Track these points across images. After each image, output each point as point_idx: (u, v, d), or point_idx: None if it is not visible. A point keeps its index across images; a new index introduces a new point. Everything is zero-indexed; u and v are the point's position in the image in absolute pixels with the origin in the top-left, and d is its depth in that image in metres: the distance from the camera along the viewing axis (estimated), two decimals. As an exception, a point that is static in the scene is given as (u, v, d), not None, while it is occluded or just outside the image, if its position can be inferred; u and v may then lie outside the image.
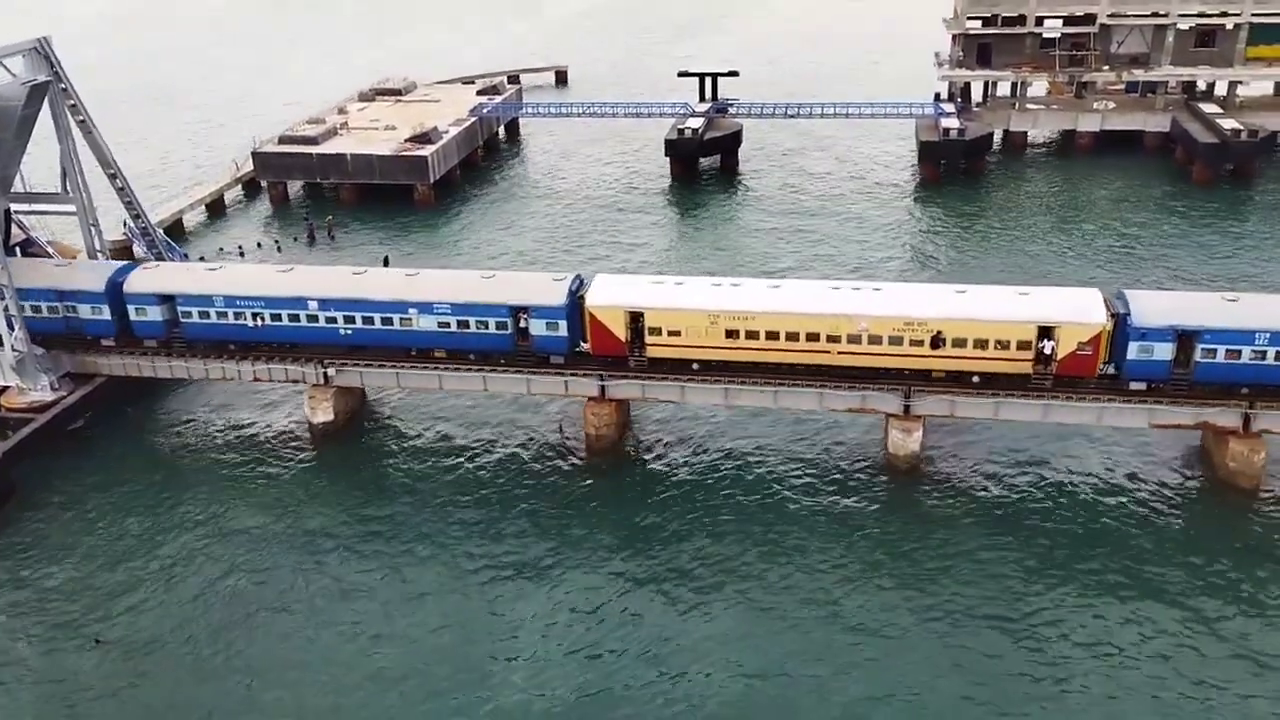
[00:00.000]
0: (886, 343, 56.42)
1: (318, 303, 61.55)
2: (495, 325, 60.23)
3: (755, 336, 57.79)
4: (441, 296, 60.60)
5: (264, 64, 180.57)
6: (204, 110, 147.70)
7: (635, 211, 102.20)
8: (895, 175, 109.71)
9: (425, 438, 63.39)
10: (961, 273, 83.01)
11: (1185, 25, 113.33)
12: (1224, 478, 55.83)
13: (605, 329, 59.20)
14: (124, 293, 63.77)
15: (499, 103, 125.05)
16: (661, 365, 59.42)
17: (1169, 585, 48.76)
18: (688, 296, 59.20)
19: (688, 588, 49.85)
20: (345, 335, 62.05)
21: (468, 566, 51.84)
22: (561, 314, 59.36)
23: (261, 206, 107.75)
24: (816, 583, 49.79)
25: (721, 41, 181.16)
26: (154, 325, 64.05)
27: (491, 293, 60.70)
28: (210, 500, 57.76)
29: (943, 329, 55.71)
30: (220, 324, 63.09)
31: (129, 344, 65.00)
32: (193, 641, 47.59)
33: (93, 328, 64.80)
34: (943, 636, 46.35)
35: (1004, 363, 55.97)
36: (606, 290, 60.10)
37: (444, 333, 60.97)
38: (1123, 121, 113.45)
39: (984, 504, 55.22)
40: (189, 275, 66.40)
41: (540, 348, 60.50)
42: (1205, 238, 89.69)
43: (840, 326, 56.69)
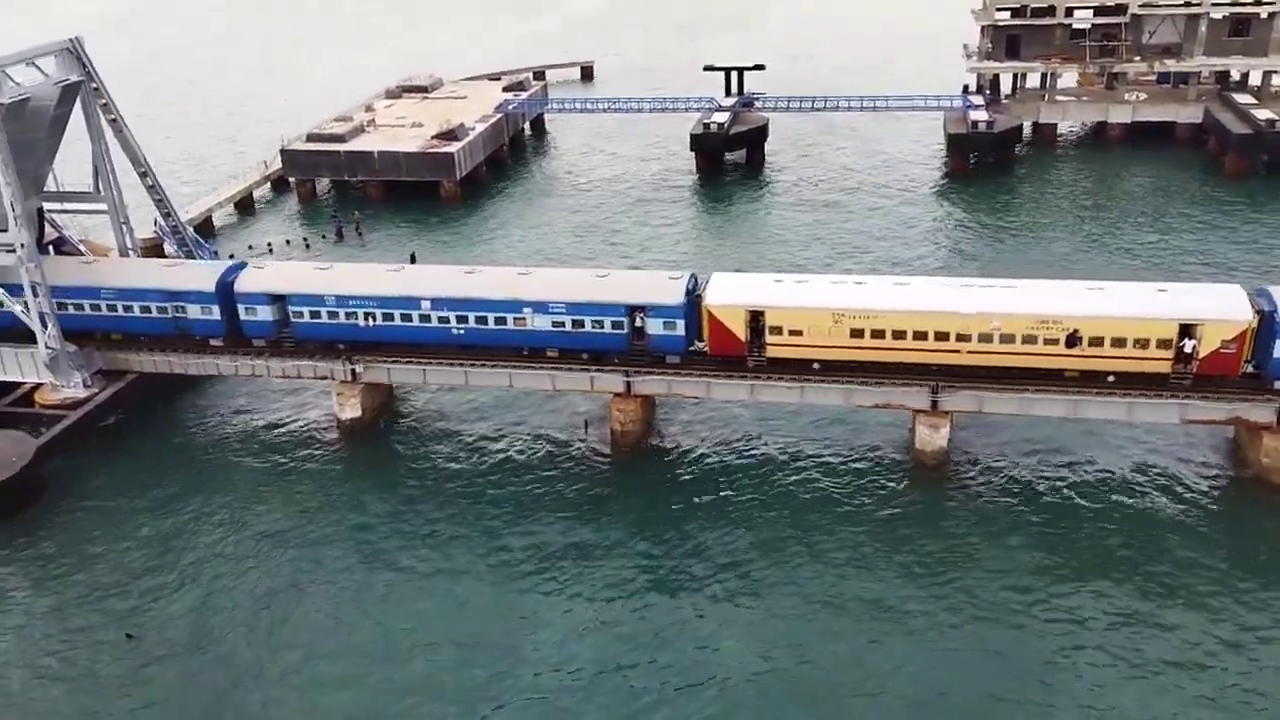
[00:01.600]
0: (1019, 341, 54.91)
1: (430, 302, 61.01)
2: (611, 325, 59.37)
3: (881, 336, 56.09)
4: (556, 295, 59.83)
5: (291, 62, 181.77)
6: (232, 109, 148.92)
7: (661, 206, 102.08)
8: (923, 169, 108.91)
9: (451, 434, 63.64)
10: (994, 267, 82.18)
11: (1218, 14, 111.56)
12: (1258, 474, 55.05)
13: (724, 328, 57.96)
14: (235, 292, 63.40)
15: (525, 99, 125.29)
16: (781, 366, 58.12)
17: (1200, 586, 48.02)
18: (810, 295, 57.78)
19: (715, 586, 49.69)
20: (457, 335, 61.42)
21: (493, 564, 51.97)
22: (680, 313, 58.40)
23: (290, 204, 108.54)
24: (844, 581, 49.50)
25: (747, 35, 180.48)
26: (264, 325, 63.66)
27: (608, 292, 59.86)
28: (238, 497, 58.25)
29: (1079, 327, 54.16)
30: (330, 324, 62.59)
31: (238, 344, 64.75)
32: (222, 639, 47.99)
33: (201, 328, 64.48)
34: (974, 636, 45.93)
35: (1142, 362, 54.24)
36: (726, 289, 58.98)
37: (558, 332, 60.17)
38: (1154, 113, 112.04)
39: (1013, 501, 54.70)
40: (300, 275, 65.78)
41: (656, 347, 59.56)
42: (1241, 229, 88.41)
43: (971, 325, 55.06)
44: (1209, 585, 47.98)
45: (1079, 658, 44.39)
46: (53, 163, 67.84)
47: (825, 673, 44.39)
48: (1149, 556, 49.97)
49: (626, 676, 44.68)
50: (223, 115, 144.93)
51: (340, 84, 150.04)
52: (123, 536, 55.28)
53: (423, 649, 46.81)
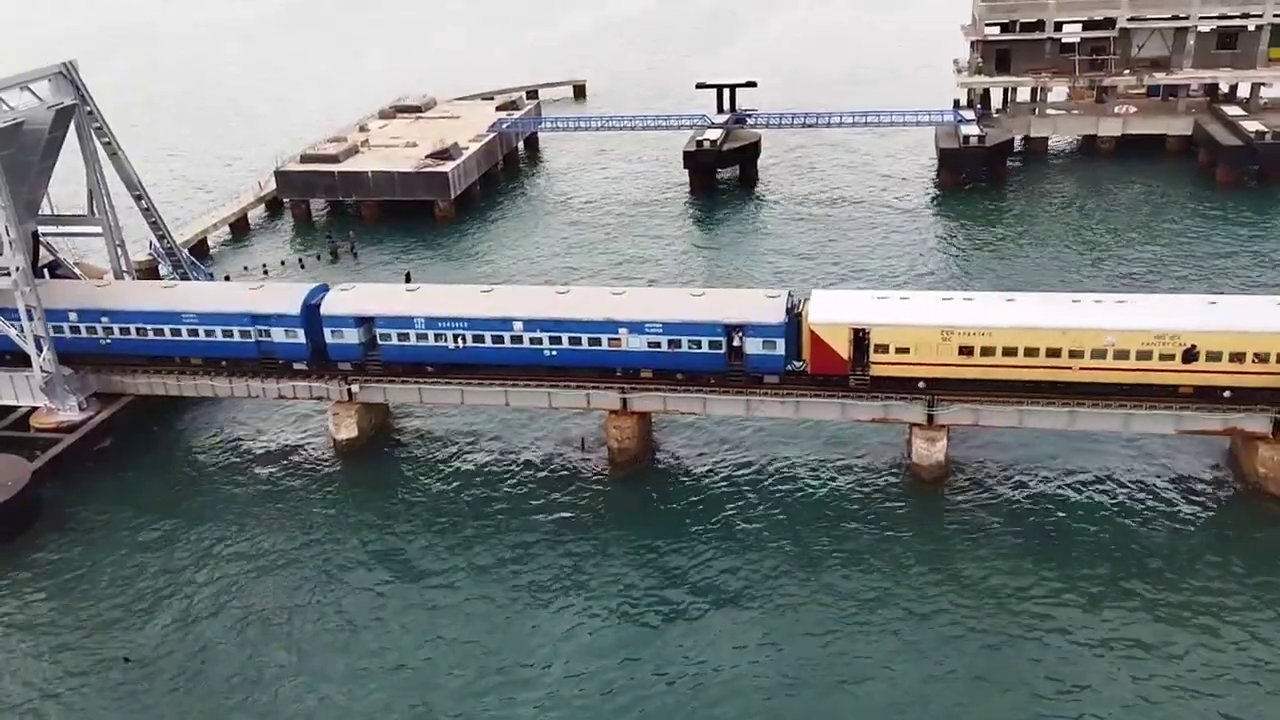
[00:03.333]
0: (1134, 357, 54.10)
1: (523, 323, 60.42)
2: (709, 344, 58.70)
3: (991, 353, 55.29)
4: (652, 315, 59.31)
5: (285, 84, 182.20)
6: (226, 130, 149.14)
7: (656, 223, 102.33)
8: (916, 183, 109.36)
9: (448, 453, 63.55)
10: (989, 281, 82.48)
11: (1206, 27, 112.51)
12: (1254, 484, 55.19)
13: (827, 347, 57.12)
14: (321, 315, 62.84)
15: (518, 118, 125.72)
16: (886, 385, 57.21)
17: (1198, 597, 48.08)
18: (917, 312, 57.11)
19: (716, 604, 49.61)
20: (549, 356, 60.84)
21: (492, 583, 51.80)
22: (780, 332, 57.78)
23: (284, 225, 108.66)
24: (842, 597, 49.46)
25: (739, 52, 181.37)
26: (351, 348, 62.91)
27: (705, 311, 59.29)
28: (233, 519, 58.06)
29: (1197, 342, 53.39)
30: (419, 346, 61.91)
31: (323, 368, 64.02)
32: (218, 661, 47.77)
33: (286, 351, 63.71)
34: (972, 648, 45.88)
35: (1261, 376, 53.43)
36: (829, 307, 58.21)
37: (654, 353, 59.56)
38: (1144, 125, 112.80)
39: (1010, 515, 54.71)
40: (388, 296, 65.27)
41: (754, 367, 58.87)
42: (1234, 241, 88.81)
43: (1085, 341, 54.20)
44: (1207, 596, 47.98)
45: (1079, 670, 44.30)
46: (47, 186, 67.98)
47: (829, 690, 44.25)
48: (1147, 570, 49.97)
49: (629, 696, 44.48)
50: (217, 137, 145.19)
51: (334, 105, 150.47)
52: (118, 561, 55.03)
53: (421, 670, 46.61)
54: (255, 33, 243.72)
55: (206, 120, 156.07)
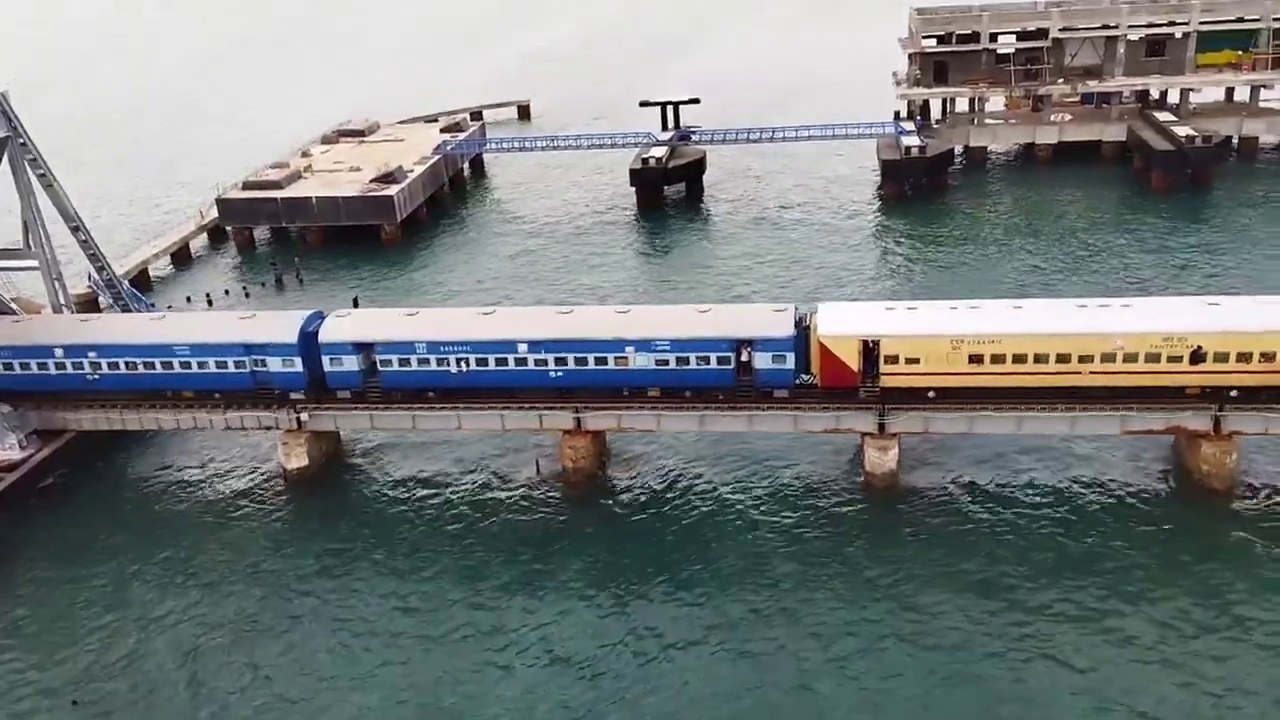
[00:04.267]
0: (1143, 360, 54.55)
1: (528, 345, 59.68)
2: (717, 360, 58.33)
3: (1001, 360, 55.46)
4: (659, 332, 58.88)
5: (226, 111, 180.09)
6: (165, 159, 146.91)
7: (604, 241, 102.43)
8: (860, 195, 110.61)
9: (401, 480, 62.88)
10: (936, 288, 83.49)
11: (1135, 36, 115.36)
12: (1198, 481, 56.29)
13: (837, 360, 57.02)
14: (319, 342, 61.71)
15: (463, 140, 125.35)
16: (894, 395, 57.27)
17: (1146, 593, 48.91)
18: (927, 322, 57.31)
19: (671, 618, 49.52)
20: (555, 378, 60.09)
21: (444, 610, 51.19)
22: (789, 346, 57.67)
23: (227, 253, 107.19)
24: (798, 609, 49.57)
25: (681, 70, 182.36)
26: (350, 375, 61.81)
27: (713, 326, 59.02)
28: (181, 555, 56.86)
29: (1204, 343, 54.02)
30: (421, 371, 60.94)
31: (321, 397, 62.91)
32: (167, 700, 46.70)
33: (283, 380, 62.42)
34: (928, 654, 46.22)
35: (1269, 375, 54.19)
36: (838, 319, 58.14)
37: (662, 370, 59.12)
38: (1080, 133, 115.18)
39: (963, 519, 55.31)
40: (387, 322, 64.10)
41: (764, 382, 58.61)
42: (1171, 243, 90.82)
43: (1094, 346, 54.69)
44: (1157, 593, 48.79)
45: (1034, 670, 44.82)
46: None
47: (790, 693, 44.32)
48: (1096, 568, 50.74)
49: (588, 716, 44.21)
50: (156, 166, 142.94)
51: (276, 131, 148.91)
52: (64, 599, 53.71)
53: (377, 700, 45.92)
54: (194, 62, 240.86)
55: (146, 149, 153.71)
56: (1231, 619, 46.84)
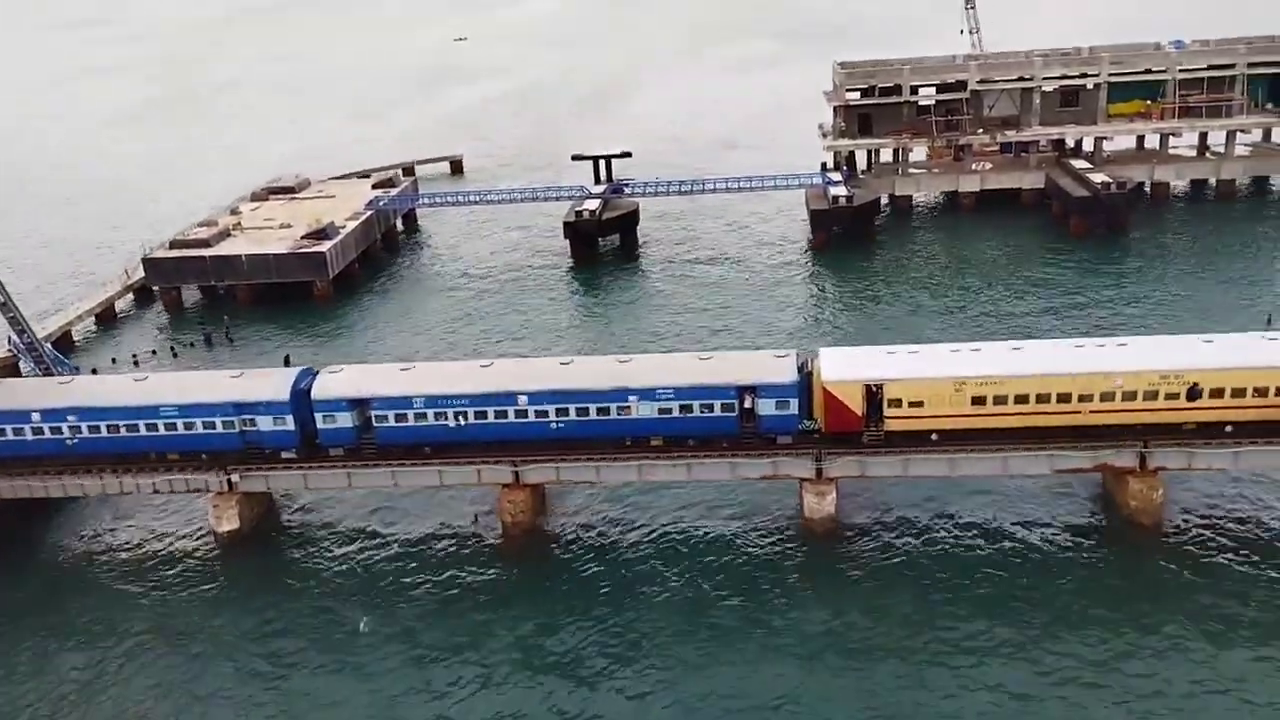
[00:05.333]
0: (1140, 398, 55.61)
1: (528, 396, 58.87)
2: (721, 407, 58.00)
3: (1003, 402, 56.15)
4: (662, 381, 58.38)
5: (152, 170, 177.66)
6: (89, 219, 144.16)
7: (540, 294, 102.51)
8: (790, 244, 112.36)
9: (336, 539, 61.71)
10: (865, 334, 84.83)
11: (1050, 87, 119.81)
12: (1127, 517, 57.55)
13: (841, 405, 57.08)
14: (312, 399, 60.30)
15: (395, 195, 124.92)
16: (897, 439, 57.62)
17: (1078, 628, 49.76)
18: (930, 365, 57.65)
19: (611, 669, 49.10)
20: (555, 429, 59.28)
21: (383, 673, 50.18)
22: (794, 392, 57.60)
23: (154, 313, 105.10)
24: (741, 657, 49.52)
25: (613, 124, 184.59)
26: (344, 432, 60.51)
27: (716, 374, 58.70)
28: (106, 626, 55.00)
29: (1199, 380, 55.08)
30: (418, 426, 59.83)
31: (313, 455, 61.49)
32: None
33: (274, 440, 61.09)
34: (865, 695, 46.34)
35: (1263, 410, 55.42)
36: (841, 365, 58.16)
37: (665, 419, 58.55)
38: (1001, 181, 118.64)
39: (901, 560, 55.83)
40: (382, 376, 62.83)
41: (768, 429, 58.40)
42: (1090, 286, 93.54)
43: (1093, 385, 55.63)
44: (1088, 628, 49.63)
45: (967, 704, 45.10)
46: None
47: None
48: (1030, 606, 51.53)
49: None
50: (79, 226, 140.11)
51: (203, 189, 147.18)
52: (-18, 677, 51.56)
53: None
54: (118, 121, 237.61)
55: (70, 209, 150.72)
56: (1159, 650, 47.83)
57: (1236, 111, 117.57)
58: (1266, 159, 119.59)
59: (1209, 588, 51.85)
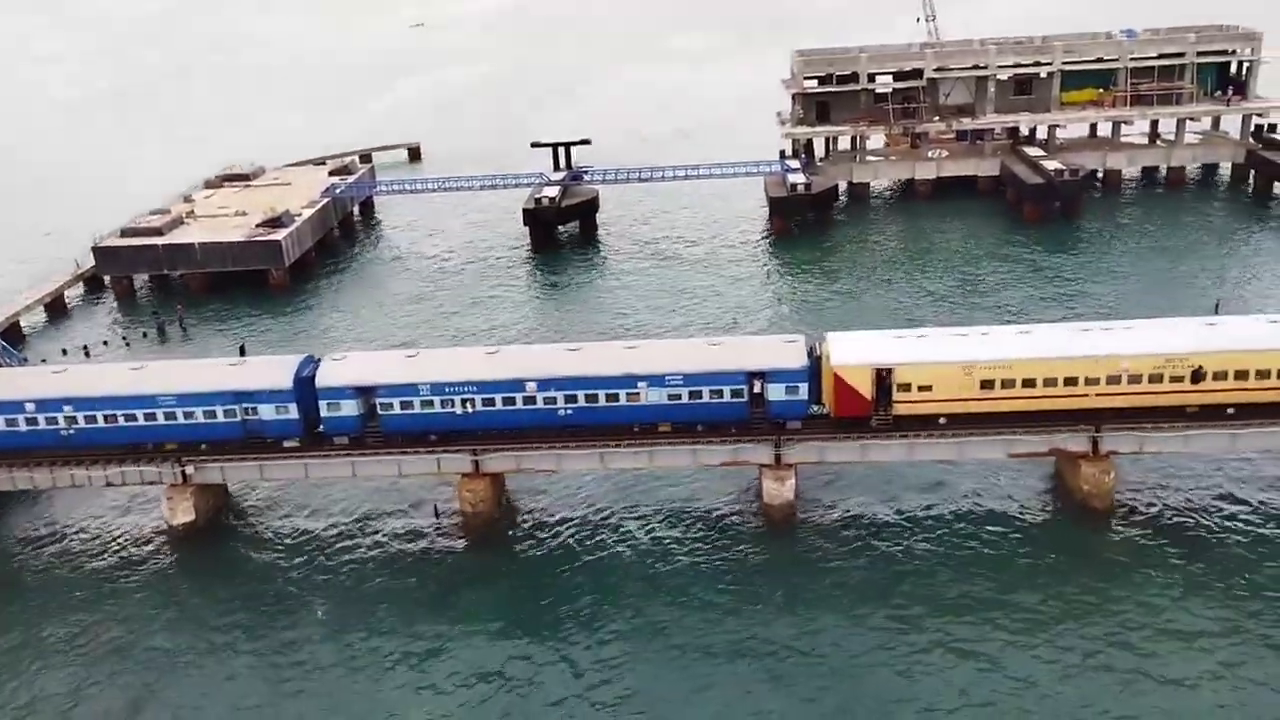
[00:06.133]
0: (1146, 381, 56.22)
1: (537, 383, 58.42)
2: (731, 393, 57.82)
3: (1011, 385, 56.52)
4: (671, 367, 58.09)
5: (103, 159, 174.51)
6: (36, 206, 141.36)
7: (498, 281, 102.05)
8: (749, 231, 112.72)
9: (294, 532, 61.14)
10: (826, 320, 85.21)
11: (1004, 76, 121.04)
12: (1080, 501, 58.42)
13: (851, 389, 57.20)
14: (316, 387, 59.32)
15: (352, 182, 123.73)
16: (906, 423, 57.89)
17: (1035, 610, 50.51)
18: (939, 349, 57.91)
19: (571, 659, 49.14)
20: (564, 416, 58.93)
21: (343, 665, 49.84)
22: (804, 376, 57.58)
23: (106, 303, 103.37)
24: (702, 638, 49.75)
25: (572, 111, 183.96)
26: (348, 421, 59.73)
27: (726, 359, 58.50)
28: (59, 623, 54.07)
29: (1203, 363, 55.66)
30: (425, 414, 59.19)
31: (316, 443, 60.71)
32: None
33: (276, 429, 60.05)
34: (827, 678, 46.84)
35: (1265, 392, 55.99)
36: (850, 349, 58.22)
37: (674, 405, 58.34)
38: (956, 168, 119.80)
39: (858, 545, 56.30)
40: (387, 364, 61.99)
41: (777, 414, 58.39)
42: (1044, 270, 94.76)
43: (1100, 368, 56.11)
44: (1044, 608, 50.40)
45: (928, 689, 45.75)
46: None
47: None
48: (984, 588, 52.22)
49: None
50: (26, 214, 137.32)
51: (156, 177, 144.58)
52: (-69, 675, 50.60)
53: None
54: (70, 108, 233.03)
55: (17, 198, 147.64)
56: (1110, 630, 48.68)
57: (1186, 99, 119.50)
58: (1215, 146, 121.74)
59: (1158, 569, 52.82)
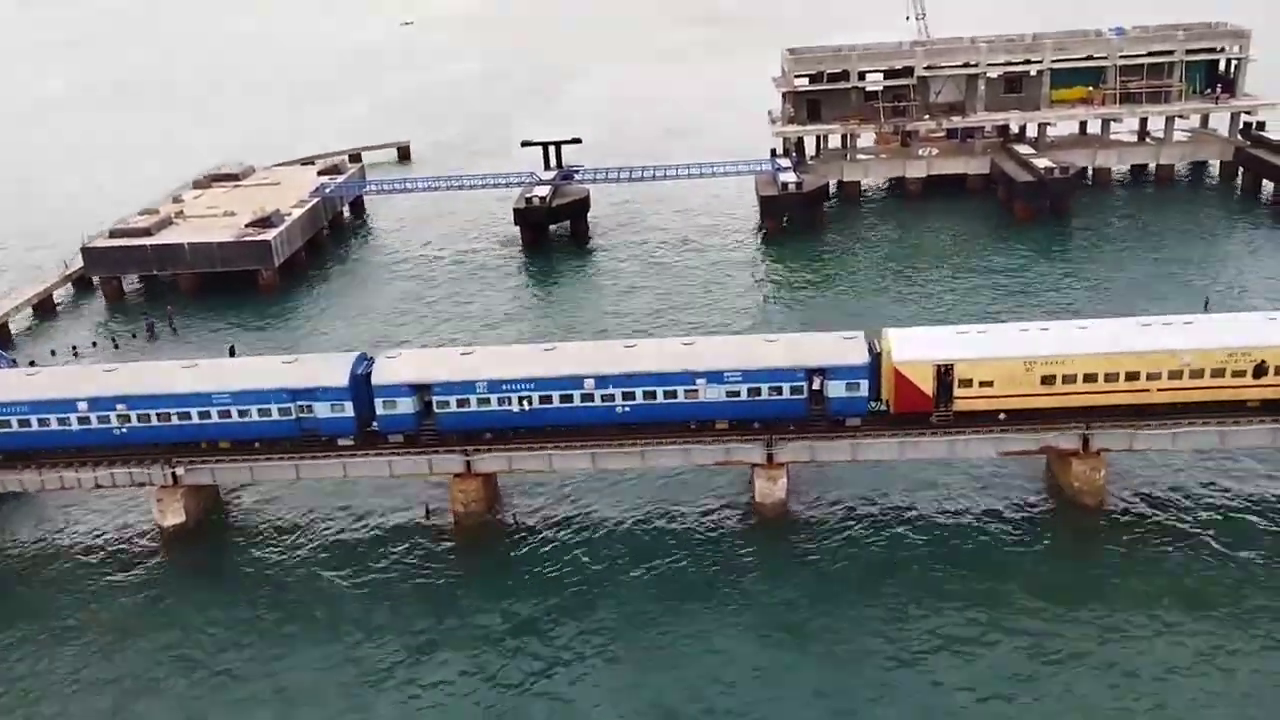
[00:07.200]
0: (1208, 376, 56.05)
1: (595, 380, 58.01)
2: (790, 390, 57.61)
3: (1073, 380, 56.36)
4: (729, 364, 57.87)
5: (92, 159, 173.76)
6: (24, 208, 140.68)
7: (488, 281, 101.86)
8: (740, 230, 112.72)
9: (285, 533, 60.93)
10: (819, 319, 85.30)
11: (994, 73, 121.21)
12: (1070, 498, 58.57)
13: (912, 386, 57.03)
14: (372, 385, 59.02)
15: (342, 181, 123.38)
16: (968, 419, 57.80)
17: (1025, 606, 50.62)
18: (1000, 345, 57.82)
19: (569, 661, 49.11)
20: (621, 413, 58.62)
21: (335, 670, 49.61)
22: (865, 373, 57.39)
23: (95, 304, 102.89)
24: (696, 638, 49.76)
25: (563, 110, 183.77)
26: (404, 419, 59.34)
27: (785, 356, 58.21)
28: (49, 625, 53.81)
29: (1266, 357, 55.55)
30: (481, 412, 58.82)
31: (370, 442, 60.47)
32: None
33: (330, 426, 59.77)
34: (820, 674, 46.88)
35: None
36: (912, 345, 58.03)
37: (732, 402, 58.13)
38: (947, 166, 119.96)
39: (850, 544, 56.35)
40: (443, 361, 61.60)
41: (837, 411, 58.23)
42: (1036, 269, 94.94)
43: (1162, 363, 55.94)
44: (1037, 605, 50.49)
45: (927, 691, 45.81)
46: None
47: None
48: (975, 587, 52.30)
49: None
50: (14, 215, 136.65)
51: (145, 178, 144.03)
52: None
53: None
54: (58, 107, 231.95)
55: (5, 199, 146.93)
56: (1100, 624, 48.89)
57: (1175, 97, 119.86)
58: (1203, 144, 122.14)
59: (1149, 566, 52.98)
